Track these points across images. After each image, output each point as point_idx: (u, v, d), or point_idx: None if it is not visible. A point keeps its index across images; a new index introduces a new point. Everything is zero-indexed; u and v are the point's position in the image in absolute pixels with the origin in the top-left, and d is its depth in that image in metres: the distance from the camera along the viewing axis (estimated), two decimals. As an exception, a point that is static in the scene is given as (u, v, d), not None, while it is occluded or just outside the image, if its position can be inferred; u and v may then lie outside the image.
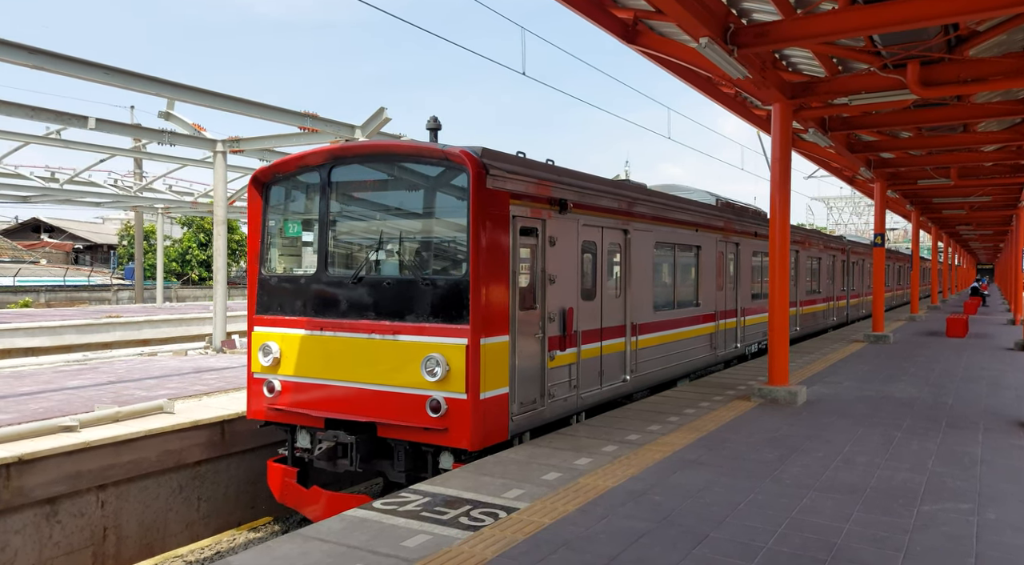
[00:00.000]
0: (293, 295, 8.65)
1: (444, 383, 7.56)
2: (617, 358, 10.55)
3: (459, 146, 7.66)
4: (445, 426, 7.53)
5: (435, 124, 8.34)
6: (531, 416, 8.42)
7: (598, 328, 9.98)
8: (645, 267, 11.31)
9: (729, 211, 15.26)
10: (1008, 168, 20.98)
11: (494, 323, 7.75)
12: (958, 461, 7.73)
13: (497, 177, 7.72)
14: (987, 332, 24.12)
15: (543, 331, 8.66)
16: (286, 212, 9.11)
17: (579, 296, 9.41)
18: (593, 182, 9.90)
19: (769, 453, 7.96)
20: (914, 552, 5.24)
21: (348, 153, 8.48)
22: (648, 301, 11.45)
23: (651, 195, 11.61)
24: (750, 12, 10.56)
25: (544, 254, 8.67)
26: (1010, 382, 13.21)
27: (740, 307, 15.76)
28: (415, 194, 8.36)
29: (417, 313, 7.80)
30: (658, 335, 11.83)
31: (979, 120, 15.17)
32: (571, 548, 5.24)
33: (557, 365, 8.94)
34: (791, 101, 11.90)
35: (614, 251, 10.52)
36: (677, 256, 12.76)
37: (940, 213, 34.49)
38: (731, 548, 5.27)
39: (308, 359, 8.39)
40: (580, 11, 9.91)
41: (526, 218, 8.35)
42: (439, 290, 7.73)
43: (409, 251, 8.32)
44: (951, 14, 8.54)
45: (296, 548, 5.24)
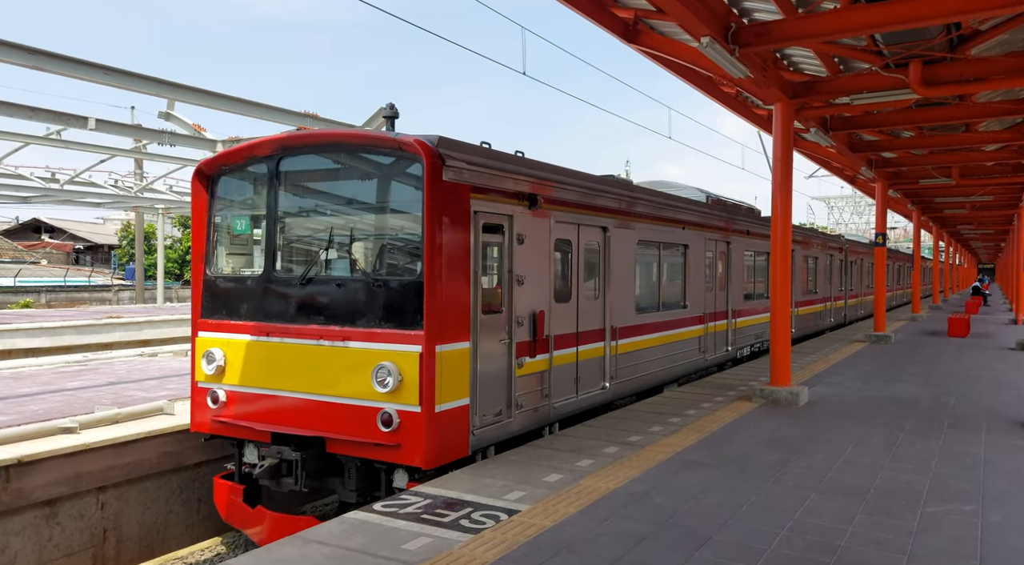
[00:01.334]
0: (239, 298, 8.02)
1: (396, 394, 6.95)
2: (595, 364, 9.97)
3: (414, 135, 7.09)
4: (397, 442, 6.92)
5: (391, 111, 7.72)
6: (496, 429, 7.84)
7: (573, 332, 9.40)
8: (627, 267, 10.73)
9: (720, 209, 14.71)
10: (1009, 167, 20.94)
11: (452, 328, 7.15)
12: (961, 462, 7.69)
13: (455, 168, 7.15)
14: (989, 332, 24.09)
15: (510, 336, 8.07)
16: (233, 207, 8.43)
17: (552, 298, 8.83)
18: (567, 176, 9.29)
19: (771, 454, 7.93)
20: (918, 554, 5.20)
21: (297, 143, 7.87)
22: (630, 303, 10.88)
23: (633, 191, 11.07)
24: (751, 11, 10.53)
25: (511, 253, 8.10)
26: (1012, 382, 13.18)
27: (731, 309, 15.21)
28: (367, 187, 7.77)
29: (369, 317, 7.19)
30: (641, 339, 11.23)
31: (981, 119, 15.14)
32: (572, 550, 5.21)
33: (526, 373, 8.35)
34: (792, 101, 11.87)
35: (592, 250, 9.95)
36: (662, 255, 12.21)
37: (941, 213, 34.46)
38: (733, 550, 5.24)
39: (254, 367, 7.76)
40: (581, 11, 9.88)
41: (490, 214, 7.76)
42: (391, 292, 7.14)
43: (360, 249, 7.74)
44: (953, 13, 8.51)
45: (295, 551, 5.21)
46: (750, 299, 16.40)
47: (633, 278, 10.94)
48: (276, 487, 7.74)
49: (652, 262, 11.96)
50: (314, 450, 7.36)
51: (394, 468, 7.17)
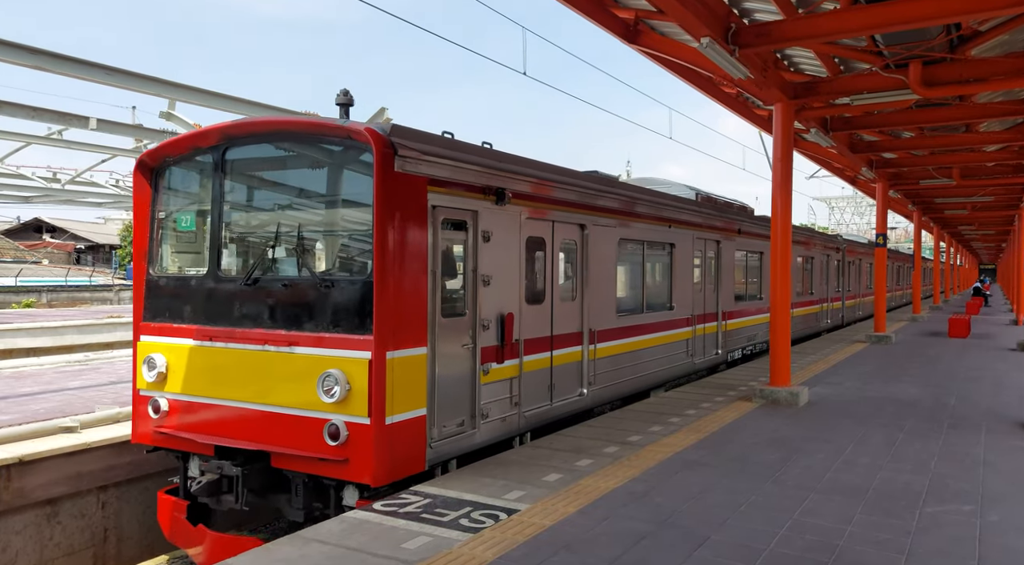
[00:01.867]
0: (182, 299, 7.51)
1: (344, 405, 6.42)
2: (572, 369, 9.44)
3: (365, 122, 6.65)
4: (345, 456, 6.39)
5: (346, 98, 7.10)
6: (457, 441, 7.35)
7: (547, 336, 8.89)
8: (607, 267, 10.21)
9: (709, 206, 14.20)
10: (1010, 168, 20.95)
11: (406, 333, 6.63)
12: (960, 462, 7.70)
13: (410, 159, 6.62)
14: (989, 332, 24.08)
15: (474, 341, 7.57)
16: (177, 201, 7.91)
17: (523, 300, 8.32)
18: (540, 170, 8.74)
19: (771, 454, 7.94)
20: (916, 554, 5.21)
21: (243, 131, 7.36)
22: (610, 305, 10.34)
23: (614, 187, 10.54)
24: (751, 12, 10.54)
25: (476, 251, 7.60)
26: (1013, 382, 13.18)
27: (722, 310, 14.67)
28: (315, 179, 7.27)
29: (316, 321, 6.68)
30: (623, 342, 10.69)
31: (981, 120, 15.15)
32: (571, 550, 5.23)
33: (493, 380, 7.83)
34: (793, 101, 11.88)
35: (569, 249, 9.45)
36: (647, 255, 11.68)
37: (942, 213, 34.46)
38: (732, 550, 5.25)
39: (196, 375, 7.25)
40: (581, 11, 9.90)
41: (451, 209, 7.26)
42: (340, 293, 6.63)
43: (309, 247, 7.18)
44: (953, 14, 8.52)
45: (295, 550, 5.22)
46: (742, 300, 15.97)
47: (614, 278, 10.45)
48: (216, 505, 7.20)
49: (635, 262, 11.48)
50: (258, 465, 6.87)
51: (344, 485, 6.67)
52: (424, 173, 6.84)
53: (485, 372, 7.71)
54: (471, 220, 7.58)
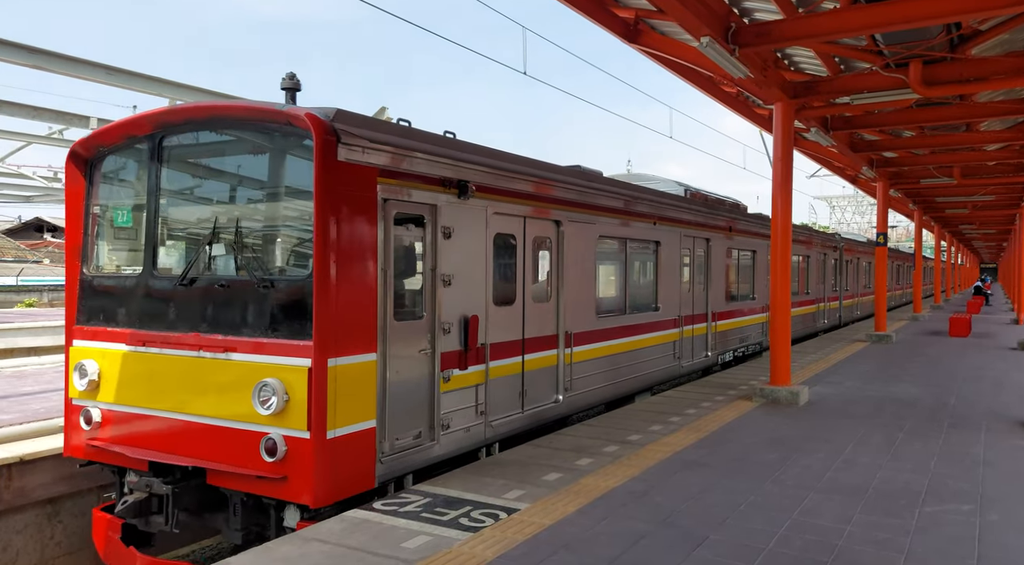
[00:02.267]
0: (116, 300, 6.98)
1: (282, 417, 5.92)
2: (546, 375, 8.97)
3: (308, 107, 6.14)
4: (283, 473, 5.88)
5: (292, 82, 6.52)
6: (414, 454, 6.83)
7: (518, 339, 8.42)
8: (585, 266, 9.69)
9: (698, 203, 13.73)
10: (1011, 167, 20.94)
11: (352, 338, 6.14)
12: (960, 462, 7.70)
13: (356, 147, 6.14)
14: (990, 331, 24.07)
15: (433, 346, 7.07)
16: (112, 195, 7.38)
17: (489, 301, 7.86)
18: (509, 162, 8.24)
19: (770, 454, 7.94)
20: (916, 554, 5.22)
21: (179, 118, 6.84)
22: (589, 306, 9.82)
23: (593, 181, 10.01)
24: (752, 11, 10.54)
25: (435, 249, 7.11)
26: (1013, 382, 13.18)
27: (711, 311, 14.15)
28: (255, 169, 6.74)
29: (255, 325, 6.17)
30: (603, 345, 10.20)
31: (982, 119, 15.14)
32: (571, 549, 5.23)
33: (455, 388, 7.36)
34: (793, 100, 11.88)
35: (542, 246, 8.96)
36: (630, 253, 11.15)
37: (943, 212, 34.44)
38: (731, 550, 5.26)
39: (130, 383, 6.75)
40: (581, 11, 9.91)
41: (405, 202, 6.76)
42: (279, 295, 6.12)
43: (247, 244, 6.53)
44: (953, 13, 8.52)
45: (295, 549, 5.23)
46: (734, 300, 15.52)
47: (593, 278, 9.92)
48: (145, 527, 6.59)
49: (617, 260, 10.94)
50: (193, 482, 6.34)
51: (285, 505, 6.13)
52: (373, 163, 6.35)
53: (446, 379, 7.23)
54: (429, 215, 7.08)
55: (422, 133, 7.16)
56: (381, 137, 6.46)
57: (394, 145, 6.58)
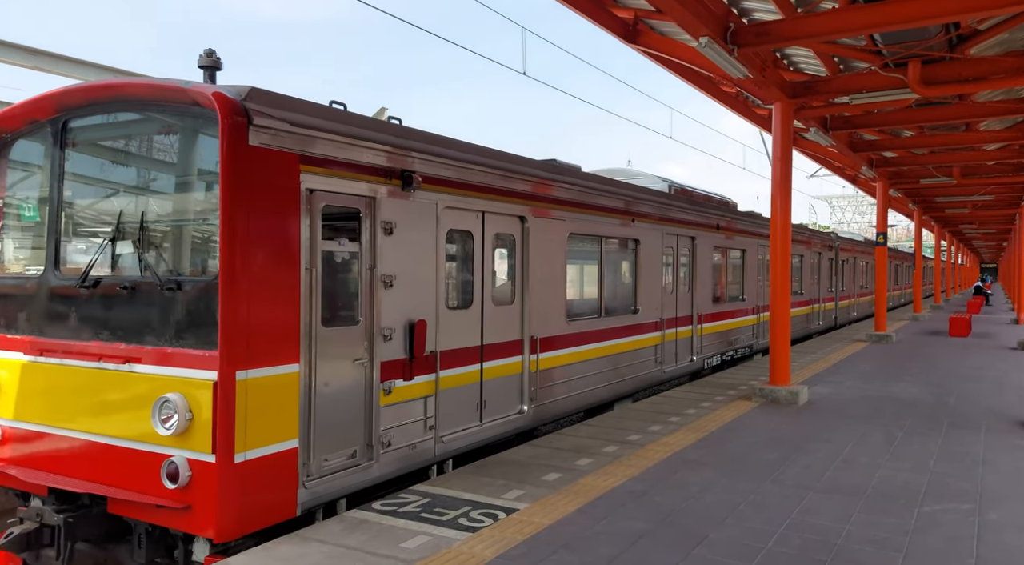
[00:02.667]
0: (16, 304, 6.33)
1: (185, 438, 5.27)
2: (509, 384, 8.33)
3: (220, 85, 5.54)
4: (187, 502, 5.22)
5: (210, 60, 5.80)
6: (346, 476, 6.15)
7: (476, 346, 7.79)
8: (554, 265, 9.05)
9: (682, 200, 13.10)
10: (1011, 167, 20.96)
11: (268, 347, 5.48)
12: (960, 461, 7.71)
13: (272, 130, 5.52)
14: (990, 331, 24.08)
15: (371, 354, 6.41)
16: (18, 186, 6.73)
17: (441, 304, 7.23)
18: (464, 151, 7.58)
19: (770, 453, 7.95)
20: (915, 553, 5.22)
21: (82, 98, 6.17)
22: (558, 308, 9.17)
23: (562, 174, 9.30)
24: (751, 11, 10.56)
25: (374, 246, 6.44)
26: (1013, 382, 13.18)
27: (697, 313, 13.55)
28: (161, 155, 6.08)
29: (160, 333, 5.51)
30: (574, 351, 9.56)
31: (981, 119, 15.15)
32: (570, 549, 5.24)
33: (398, 401, 6.71)
34: (792, 100, 11.89)
35: (505, 244, 8.35)
36: (605, 252, 10.50)
37: (943, 212, 34.46)
38: (731, 549, 5.26)
39: (29, 397, 6.06)
40: (581, 11, 9.93)
41: (336, 194, 6.10)
42: (185, 298, 5.46)
43: (152, 240, 5.87)
44: (952, 13, 8.53)
45: (295, 549, 5.23)
46: (722, 302, 14.90)
47: (563, 279, 9.26)
48: (35, 562, 5.84)
49: (591, 259, 10.29)
50: (91, 511, 5.71)
51: (195, 537, 5.44)
52: (295, 149, 5.74)
53: (387, 391, 6.58)
54: (366, 208, 6.43)
55: (358, 117, 6.46)
56: (305, 120, 5.81)
57: (321, 130, 5.93)
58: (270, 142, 5.53)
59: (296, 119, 5.73)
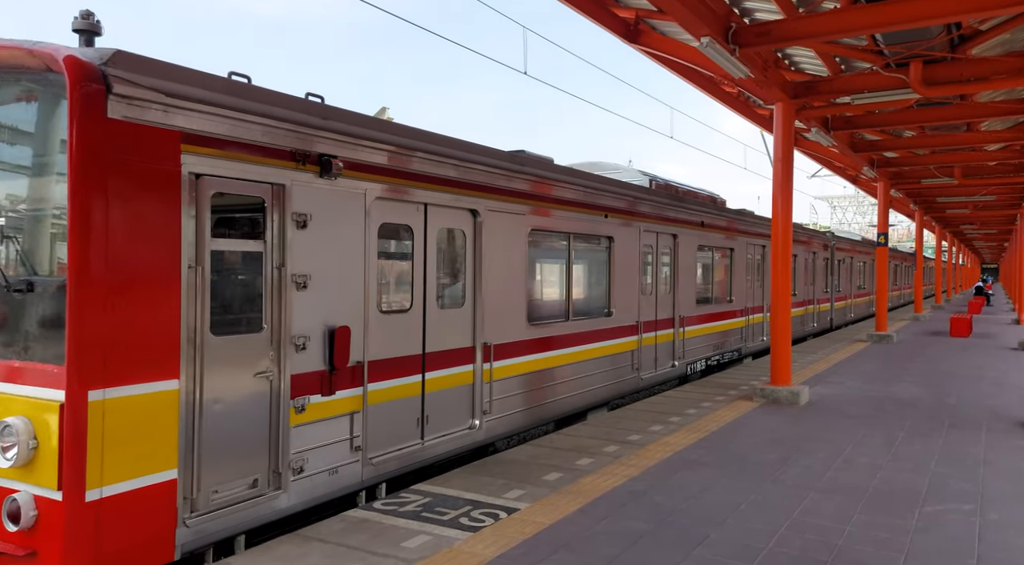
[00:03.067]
0: None
1: (30, 471, 4.49)
2: (458, 396, 7.67)
3: (74, 48, 4.72)
4: (31, 548, 4.46)
5: (86, 23, 4.91)
6: (245, 510, 5.40)
7: (417, 354, 7.09)
8: (512, 264, 8.39)
9: (663, 195, 12.35)
10: (1012, 167, 20.95)
11: (135, 361, 4.69)
12: (960, 462, 7.70)
13: (142, 102, 4.73)
14: (991, 332, 24.07)
15: (279, 366, 5.64)
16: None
17: (371, 308, 6.50)
18: (401, 135, 6.80)
19: (770, 454, 7.95)
20: (915, 553, 5.22)
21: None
22: (517, 312, 8.51)
23: (522, 164, 8.56)
24: (752, 11, 10.56)
25: (283, 242, 5.66)
26: (1014, 382, 13.18)
27: (679, 315, 12.86)
28: (10, 131, 5.27)
29: (7, 343, 4.80)
30: (536, 358, 8.90)
31: (982, 119, 15.14)
32: (570, 549, 5.24)
33: (314, 419, 5.96)
34: (793, 100, 11.88)
35: (454, 240, 7.70)
36: (574, 249, 9.78)
37: (944, 212, 34.45)
38: (731, 549, 5.26)
39: None
40: (582, 11, 9.93)
41: (232, 180, 5.29)
42: (35, 302, 4.73)
43: (2, 232, 5.18)
44: (954, 13, 8.52)
45: (295, 548, 5.23)
46: (707, 303, 14.18)
47: (523, 279, 8.57)
48: None
49: (557, 258, 9.57)
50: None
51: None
52: (176, 126, 4.94)
53: (299, 409, 5.82)
54: (273, 197, 5.64)
55: (262, 91, 5.59)
56: (187, 92, 4.98)
57: (210, 103, 5.10)
58: (138, 116, 4.73)
59: (175, 90, 4.92)
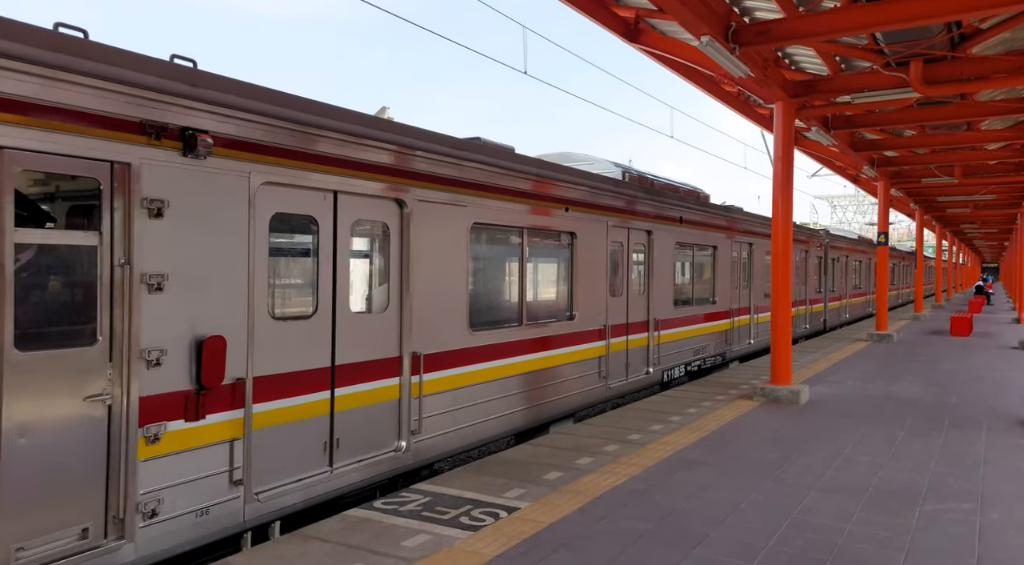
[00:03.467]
0: None
1: None
2: (379, 414, 6.69)
3: None
4: None
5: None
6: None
7: (324, 367, 6.11)
8: (451, 263, 7.49)
9: (635, 187, 11.48)
10: (1012, 166, 20.94)
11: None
12: (961, 461, 7.70)
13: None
14: (991, 331, 24.07)
15: (123, 387, 4.70)
16: None
17: (259, 314, 5.53)
18: (299, 109, 5.80)
19: (771, 453, 7.95)
20: (916, 552, 5.22)
21: None
22: (457, 316, 7.61)
23: (462, 149, 7.63)
24: (752, 10, 10.55)
25: (128, 234, 4.73)
26: (1014, 381, 13.17)
27: (654, 318, 11.99)
28: None
29: None
30: (480, 368, 7.99)
31: (983, 118, 15.13)
32: (571, 548, 5.24)
33: (176, 450, 5.01)
34: (793, 99, 11.88)
35: (374, 235, 6.83)
36: (528, 247, 8.87)
37: (944, 211, 34.43)
38: (732, 548, 5.26)
39: None
40: (582, 10, 9.92)
41: (49, 157, 4.34)
42: None
43: None
44: (954, 11, 8.52)
45: (295, 548, 5.23)
46: (686, 305, 13.28)
47: (464, 280, 7.70)
48: None
49: (507, 256, 8.72)
50: None
51: None
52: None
53: (152, 439, 4.85)
54: (113, 179, 4.67)
55: (99, 48, 4.60)
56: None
57: (9, 56, 4.08)
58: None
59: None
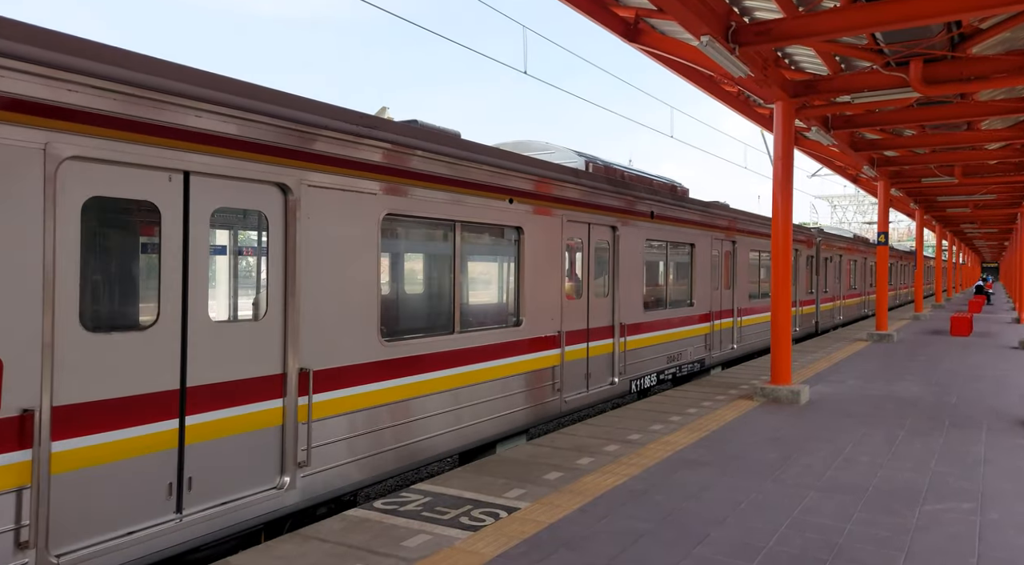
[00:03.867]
0: None
1: None
2: (253, 444, 5.55)
3: None
4: None
5: None
6: None
7: (170, 390, 4.98)
8: (356, 262, 6.41)
9: (599, 178, 10.44)
10: (1012, 166, 20.94)
11: None
12: (961, 461, 7.70)
13: None
14: (991, 331, 24.06)
15: None
16: None
17: (62, 325, 4.41)
18: (132, 67, 4.68)
19: (771, 452, 7.94)
20: (916, 552, 5.22)
21: None
22: (364, 324, 6.50)
23: (372, 126, 6.56)
24: (752, 10, 10.55)
25: None
26: (1014, 381, 13.17)
27: (620, 323, 10.91)
28: None
29: None
30: (395, 385, 6.86)
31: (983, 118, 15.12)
32: (571, 548, 5.24)
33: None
34: (793, 99, 11.88)
35: (244, 226, 6.15)
36: (461, 243, 7.84)
37: (944, 211, 34.42)
38: (732, 548, 5.26)
39: None
40: (582, 10, 9.93)
41: None
42: None
43: None
44: (954, 11, 8.52)
45: (296, 548, 5.23)
46: (658, 308, 12.29)
47: (373, 280, 6.57)
48: None
49: (435, 254, 7.78)
50: None
51: None
52: None
53: None
54: None
55: None
56: None
57: None
58: None
59: None
